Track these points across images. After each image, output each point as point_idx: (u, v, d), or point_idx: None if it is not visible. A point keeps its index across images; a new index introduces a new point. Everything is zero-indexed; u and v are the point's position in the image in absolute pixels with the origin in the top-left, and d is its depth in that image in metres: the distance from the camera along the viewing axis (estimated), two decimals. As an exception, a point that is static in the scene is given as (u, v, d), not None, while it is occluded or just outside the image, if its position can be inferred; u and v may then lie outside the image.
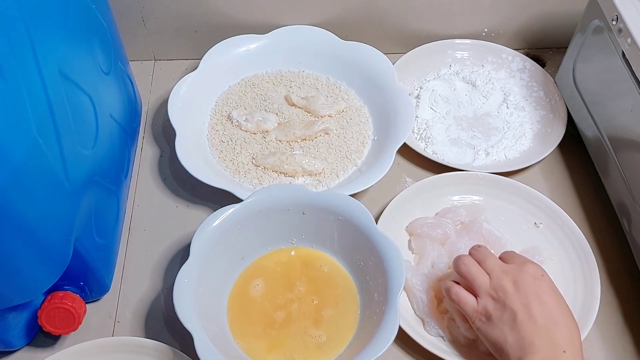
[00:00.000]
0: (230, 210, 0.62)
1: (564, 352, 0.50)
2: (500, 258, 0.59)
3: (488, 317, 0.55)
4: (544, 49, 0.90)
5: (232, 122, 0.78)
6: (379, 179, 0.69)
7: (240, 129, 0.77)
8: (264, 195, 0.64)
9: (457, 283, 0.59)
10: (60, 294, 0.59)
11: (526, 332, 0.52)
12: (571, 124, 0.78)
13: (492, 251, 0.67)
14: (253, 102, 0.80)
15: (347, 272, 0.66)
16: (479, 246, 0.60)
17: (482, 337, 0.57)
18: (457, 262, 0.59)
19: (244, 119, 0.77)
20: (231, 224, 0.62)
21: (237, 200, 0.65)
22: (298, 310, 0.63)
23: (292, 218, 0.65)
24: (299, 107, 0.80)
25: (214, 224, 0.62)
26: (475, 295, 0.57)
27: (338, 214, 0.64)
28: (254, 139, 0.76)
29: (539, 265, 0.57)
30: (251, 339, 0.61)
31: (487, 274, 0.57)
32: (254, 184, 0.73)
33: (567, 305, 0.55)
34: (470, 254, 0.60)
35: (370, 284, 0.62)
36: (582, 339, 0.60)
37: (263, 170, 0.73)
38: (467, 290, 0.58)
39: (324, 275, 0.65)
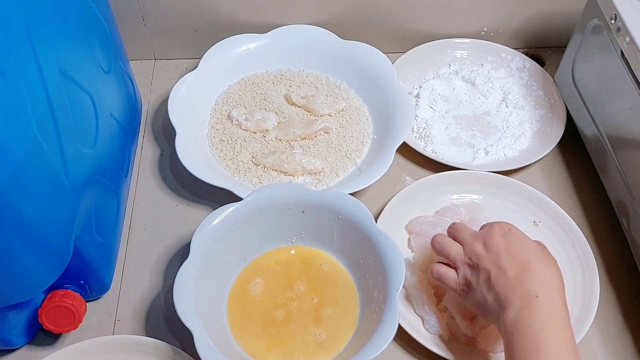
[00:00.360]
0: (230, 208, 0.63)
1: (537, 296, 0.51)
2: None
3: (468, 285, 0.56)
4: (543, 48, 0.90)
5: (232, 121, 0.78)
6: (379, 177, 0.69)
7: (240, 128, 0.77)
8: (263, 194, 0.64)
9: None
10: (60, 293, 0.59)
11: (501, 287, 0.53)
12: (570, 123, 0.78)
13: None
14: (253, 102, 0.80)
15: (347, 270, 0.66)
16: (454, 223, 0.61)
17: (469, 307, 0.58)
18: (432, 242, 0.60)
19: (243, 118, 0.77)
20: (231, 223, 0.63)
21: (237, 199, 0.65)
22: (298, 309, 0.63)
23: (291, 217, 0.65)
24: (299, 106, 0.80)
25: (214, 223, 0.62)
26: (455, 269, 0.58)
27: (338, 212, 0.64)
28: (254, 138, 0.77)
29: (506, 222, 0.58)
30: (251, 337, 0.61)
31: (461, 245, 0.58)
32: (253, 183, 0.73)
33: (540, 250, 0.56)
34: (447, 233, 0.61)
35: (370, 283, 0.62)
36: (580, 339, 0.60)
37: (263, 169, 0.74)
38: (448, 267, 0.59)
39: (324, 274, 0.65)
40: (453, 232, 0.60)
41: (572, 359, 0.49)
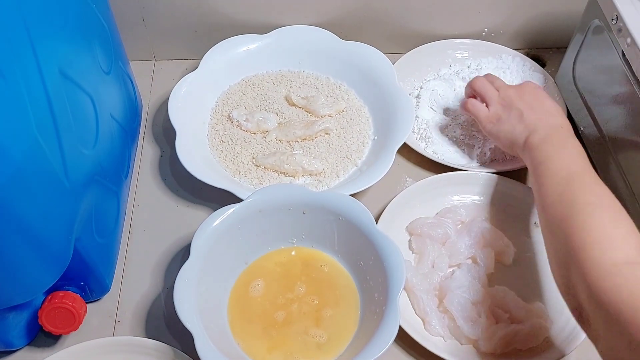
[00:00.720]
0: (230, 210, 0.62)
1: (561, 127, 0.64)
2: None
3: (498, 119, 0.69)
4: (544, 49, 0.90)
5: (232, 122, 0.78)
6: (379, 178, 0.69)
7: (241, 129, 0.77)
8: (264, 195, 0.64)
9: None
10: (60, 294, 0.59)
11: (530, 119, 0.66)
12: (571, 124, 0.78)
13: (492, 251, 0.67)
14: (253, 102, 0.80)
15: (348, 271, 0.66)
16: (488, 74, 0.75)
17: (494, 136, 0.70)
18: (472, 82, 0.73)
19: (244, 118, 0.77)
20: (231, 224, 0.62)
21: (238, 200, 0.65)
22: (298, 310, 0.63)
23: (292, 218, 0.65)
24: (299, 107, 0.80)
25: (215, 224, 0.62)
26: (487, 106, 0.71)
27: (338, 213, 0.64)
28: (254, 138, 0.76)
29: (536, 83, 0.73)
30: (252, 339, 0.61)
31: (496, 90, 0.71)
32: (254, 184, 0.73)
33: (561, 108, 0.69)
34: (479, 80, 0.73)
35: (371, 284, 0.62)
36: (580, 341, 0.60)
37: (263, 170, 0.74)
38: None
39: (324, 275, 0.65)
40: (488, 78, 0.73)
41: (584, 158, 0.60)
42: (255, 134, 0.77)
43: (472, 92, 0.74)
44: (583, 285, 0.49)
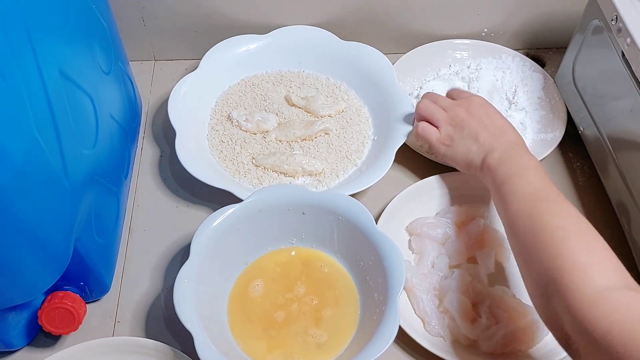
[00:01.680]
0: (230, 210, 0.63)
1: (516, 144, 0.63)
2: (448, 96, 0.72)
3: (451, 140, 0.67)
4: (544, 49, 0.90)
5: (232, 122, 0.78)
6: (379, 179, 0.69)
7: (240, 129, 0.77)
8: (264, 195, 0.64)
9: None
10: (60, 294, 0.59)
11: (485, 139, 0.64)
12: (571, 124, 0.78)
13: (493, 251, 0.67)
14: (253, 102, 0.80)
15: (347, 272, 0.66)
16: (428, 93, 0.73)
17: (449, 159, 0.69)
18: (417, 106, 0.71)
19: (244, 119, 0.77)
20: (231, 224, 0.62)
21: (237, 200, 0.65)
22: (298, 311, 0.63)
23: (292, 218, 0.65)
24: (299, 107, 0.80)
25: (214, 224, 0.62)
26: (438, 128, 0.69)
27: (338, 214, 0.64)
28: (254, 139, 0.76)
29: (482, 97, 0.71)
30: (251, 339, 0.61)
31: (443, 110, 0.69)
32: (254, 184, 0.73)
33: (510, 122, 0.67)
34: (424, 97, 0.72)
35: (370, 284, 0.62)
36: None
37: (263, 170, 0.73)
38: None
39: (324, 276, 0.65)
40: (432, 98, 0.71)
41: (546, 175, 0.59)
42: (255, 134, 0.77)
43: (420, 116, 0.71)
44: (567, 316, 0.48)
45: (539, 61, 0.88)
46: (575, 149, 0.79)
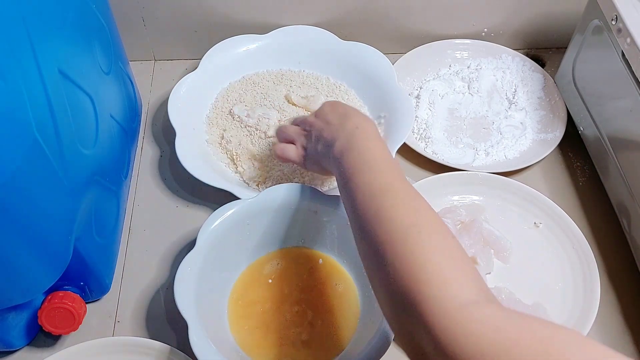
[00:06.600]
0: (238, 205, 0.62)
1: (357, 127, 0.57)
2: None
3: (306, 150, 0.63)
4: (544, 49, 0.90)
5: (233, 118, 0.77)
6: (379, 178, 0.69)
7: (241, 125, 0.77)
8: (276, 193, 0.63)
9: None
10: (60, 294, 0.59)
11: (328, 134, 0.59)
12: (571, 124, 0.78)
13: (492, 251, 0.67)
14: (254, 100, 0.80)
15: (348, 272, 0.66)
16: (283, 126, 0.69)
17: (315, 171, 0.64)
18: (277, 133, 0.68)
19: (245, 114, 0.77)
20: (239, 220, 0.62)
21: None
22: (298, 310, 0.63)
23: (295, 218, 0.65)
24: (299, 107, 0.80)
25: (224, 216, 0.61)
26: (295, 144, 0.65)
27: (339, 214, 0.64)
28: (254, 138, 0.76)
29: (334, 100, 0.69)
30: (250, 336, 0.61)
31: (296, 125, 0.66)
32: (254, 185, 0.72)
33: (357, 109, 0.63)
34: (277, 134, 0.68)
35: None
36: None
37: (264, 170, 0.73)
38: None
39: (325, 276, 0.65)
40: (296, 123, 0.67)
41: (394, 164, 0.53)
42: (256, 131, 0.77)
43: (278, 140, 0.68)
44: (428, 337, 0.39)
45: (539, 61, 0.88)
46: (575, 149, 0.79)
